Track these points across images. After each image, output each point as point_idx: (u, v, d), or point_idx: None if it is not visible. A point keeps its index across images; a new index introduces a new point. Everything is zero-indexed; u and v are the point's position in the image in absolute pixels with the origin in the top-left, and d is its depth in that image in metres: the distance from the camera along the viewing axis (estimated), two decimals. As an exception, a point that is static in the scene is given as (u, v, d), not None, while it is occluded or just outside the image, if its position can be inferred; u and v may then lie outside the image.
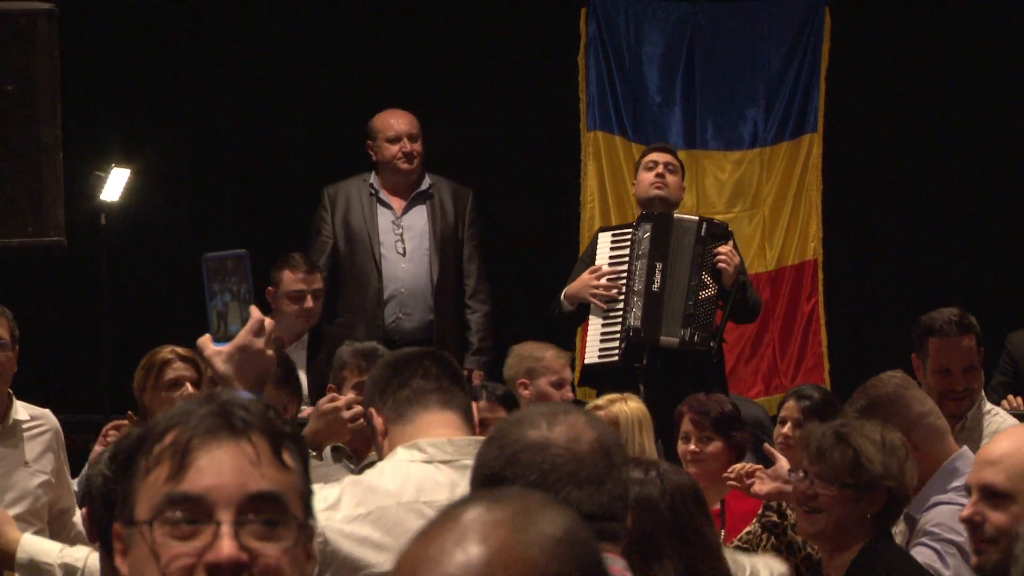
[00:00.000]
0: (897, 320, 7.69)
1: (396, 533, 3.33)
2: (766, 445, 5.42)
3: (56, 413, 5.84)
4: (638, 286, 7.18)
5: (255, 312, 3.09)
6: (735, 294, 7.12)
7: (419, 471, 3.42)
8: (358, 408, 4.80)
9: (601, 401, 5.76)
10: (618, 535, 2.38)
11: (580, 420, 2.46)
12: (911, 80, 9.07)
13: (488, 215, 8.30)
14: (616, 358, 7.10)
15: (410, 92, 8.78)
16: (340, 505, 3.37)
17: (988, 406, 5.89)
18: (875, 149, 9.14)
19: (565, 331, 8.78)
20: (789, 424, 5.78)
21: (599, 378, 7.30)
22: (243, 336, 3.07)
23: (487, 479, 2.42)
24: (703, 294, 7.13)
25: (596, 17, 9.14)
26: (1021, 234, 8.90)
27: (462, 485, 3.37)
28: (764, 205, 9.07)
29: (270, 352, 3.09)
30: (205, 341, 3.13)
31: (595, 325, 7.23)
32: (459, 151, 8.78)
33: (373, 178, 7.94)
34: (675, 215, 7.29)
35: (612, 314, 7.19)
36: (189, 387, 5.69)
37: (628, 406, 5.67)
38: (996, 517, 3.34)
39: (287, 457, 2.08)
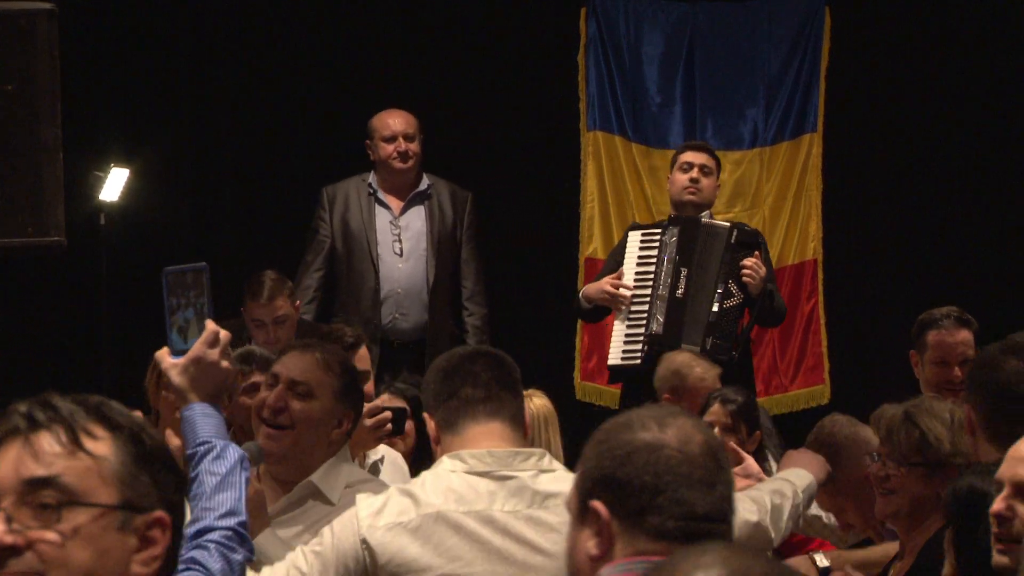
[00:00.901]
0: (897, 320, 7.69)
1: (434, 542, 3.41)
2: (731, 443, 5.46)
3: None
4: (662, 291, 7.19)
5: (210, 325, 3.12)
6: (761, 303, 7.12)
7: (460, 481, 3.47)
8: (383, 415, 4.80)
9: None
10: (726, 537, 2.41)
11: (688, 423, 2.49)
12: (911, 80, 9.07)
13: (488, 215, 8.31)
14: (638, 361, 7.13)
15: (410, 92, 8.78)
16: (384, 512, 3.44)
17: None
18: (875, 149, 9.14)
19: (572, 328, 8.81)
20: (718, 428, 5.83)
21: (622, 377, 7.39)
22: (198, 348, 3.11)
23: (600, 480, 2.44)
24: (728, 303, 7.13)
25: (596, 17, 9.14)
26: (1021, 234, 8.90)
27: (500, 495, 3.46)
28: (764, 205, 9.07)
29: (225, 364, 3.12)
30: (163, 354, 3.15)
31: (619, 328, 7.26)
32: (459, 151, 8.78)
33: (372, 177, 7.95)
34: (704, 220, 7.29)
35: (635, 318, 7.21)
36: None
37: (534, 403, 5.70)
38: None
39: (92, 444, 2.21)
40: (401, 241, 7.86)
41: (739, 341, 7.16)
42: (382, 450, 5.21)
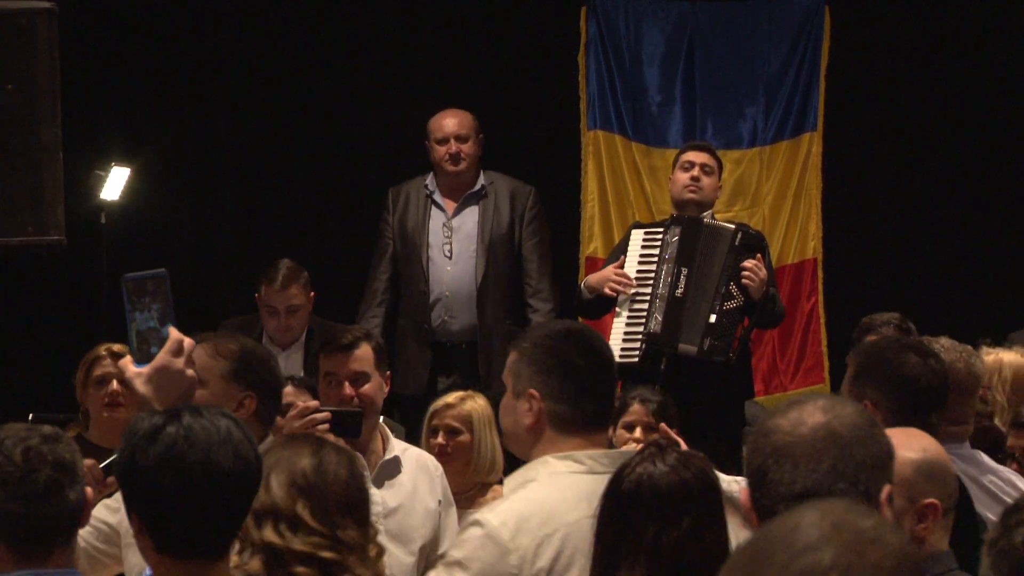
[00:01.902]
0: (897, 319, 7.68)
1: (583, 549, 3.27)
2: (663, 427, 5.53)
3: (55, 412, 5.84)
4: (662, 290, 7.18)
5: (174, 332, 3.10)
6: (762, 306, 7.12)
7: (587, 481, 3.39)
8: (314, 416, 4.82)
9: (451, 399, 5.82)
10: None
11: (811, 407, 2.69)
12: (911, 80, 9.07)
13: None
14: (636, 359, 7.11)
15: (410, 92, 8.79)
16: (523, 529, 3.33)
17: None
18: (875, 148, 9.14)
19: (575, 319, 8.78)
20: (639, 428, 5.87)
21: (620, 375, 7.36)
22: (162, 357, 3.09)
23: (749, 469, 2.69)
24: (728, 305, 7.12)
25: (596, 17, 9.14)
26: (1021, 233, 8.90)
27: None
28: (764, 204, 9.07)
29: (190, 372, 3.11)
30: (126, 363, 3.14)
31: (618, 325, 7.25)
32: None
33: (430, 179, 7.91)
34: (706, 221, 7.27)
35: (634, 316, 7.20)
36: (115, 384, 5.64)
37: (477, 403, 5.77)
38: None
39: None
40: (451, 243, 7.82)
41: (737, 343, 7.14)
42: (398, 448, 5.16)
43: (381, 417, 5.62)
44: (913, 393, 4.16)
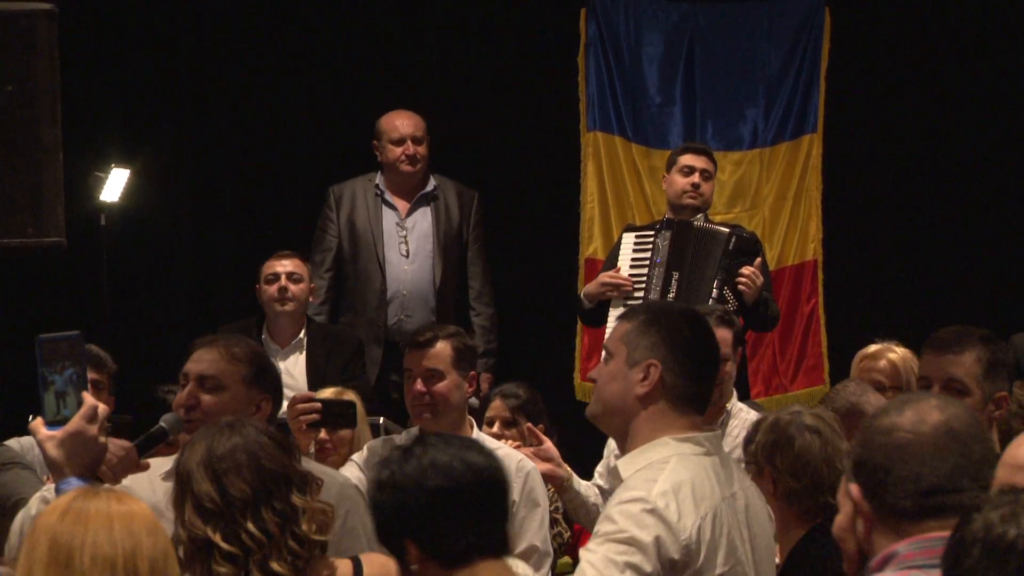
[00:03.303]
0: (897, 320, 7.69)
1: (725, 530, 3.40)
2: (528, 425, 5.55)
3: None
4: (653, 295, 7.17)
5: (88, 398, 3.09)
6: (757, 311, 7.10)
7: (711, 463, 3.48)
8: (309, 404, 4.86)
9: (329, 395, 5.83)
10: (963, 503, 2.61)
11: (928, 405, 2.75)
12: (911, 80, 9.07)
13: (488, 215, 8.31)
14: None
15: (410, 92, 8.78)
16: (684, 509, 3.36)
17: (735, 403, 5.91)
18: (875, 149, 9.13)
19: (573, 328, 8.80)
20: (498, 423, 5.90)
21: None
22: (76, 422, 3.09)
23: (854, 465, 2.75)
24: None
25: (596, 17, 9.14)
26: (1022, 234, 8.90)
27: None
28: (764, 205, 9.07)
29: (103, 439, 3.10)
30: (37, 425, 3.13)
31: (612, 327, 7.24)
32: (459, 151, 8.78)
33: (379, 178, 7.94)
34: (699, 224, 7.26)
35: None
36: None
37: (354, 398, 5.81)
38: None
39: None
40: (407, 242, 7.86)
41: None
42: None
43: (381, 419, 5.64)
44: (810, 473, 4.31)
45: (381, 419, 6.10)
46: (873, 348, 5.93)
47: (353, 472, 5.06)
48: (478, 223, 8.00)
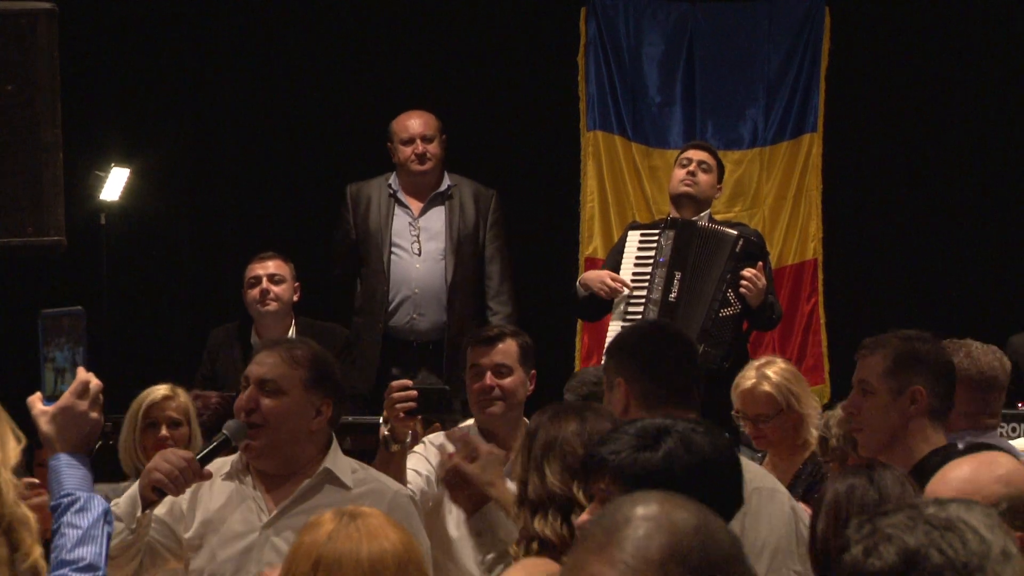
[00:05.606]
0: (897, 320, 7.67)
1: None
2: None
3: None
4: (655, 294, 7.16)
5: (81, 373, 3.08)
6: (762, 313, 7.10)
7: None
8: (406, 392, 4.81)
9: (166, 391, 5.76)
10: None
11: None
12: (911, 80, 9.07)
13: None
14: None
15: (410, 92, 8.78)
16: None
17: None
18: (875, 149, 9.14)
19: (575, 321, 8.79)
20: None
21: None
22: (66, 398, 3.07)
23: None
24: (725, 311, 7.08)
25: (596, 17, 9.14)
26: (1022, 235, 8.90)
27: None
28: (764, 205, 9.07)
29: (94, 414, 3.09)
30: (34, 399, 3.13)
31: (614, 328, 7.24)
32: (459, 151, 8.77)
33: (393, 179, 7.93)
34: (705, 224, 7.25)
35: (630, 318, 7.19)
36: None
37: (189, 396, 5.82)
38: None
39: None
40: (419, 242, 7.85)
41: (732, 351, 7.10)
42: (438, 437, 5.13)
43: (381, 419, 5.59)
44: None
45: (381, 419, 6.09)
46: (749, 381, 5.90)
47: (422, 465, 5.00)
48: (496, 222, 7.95)
